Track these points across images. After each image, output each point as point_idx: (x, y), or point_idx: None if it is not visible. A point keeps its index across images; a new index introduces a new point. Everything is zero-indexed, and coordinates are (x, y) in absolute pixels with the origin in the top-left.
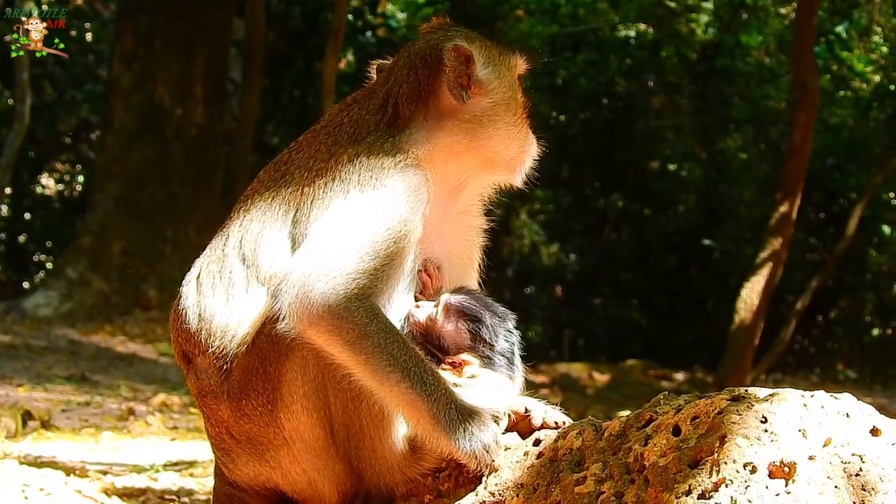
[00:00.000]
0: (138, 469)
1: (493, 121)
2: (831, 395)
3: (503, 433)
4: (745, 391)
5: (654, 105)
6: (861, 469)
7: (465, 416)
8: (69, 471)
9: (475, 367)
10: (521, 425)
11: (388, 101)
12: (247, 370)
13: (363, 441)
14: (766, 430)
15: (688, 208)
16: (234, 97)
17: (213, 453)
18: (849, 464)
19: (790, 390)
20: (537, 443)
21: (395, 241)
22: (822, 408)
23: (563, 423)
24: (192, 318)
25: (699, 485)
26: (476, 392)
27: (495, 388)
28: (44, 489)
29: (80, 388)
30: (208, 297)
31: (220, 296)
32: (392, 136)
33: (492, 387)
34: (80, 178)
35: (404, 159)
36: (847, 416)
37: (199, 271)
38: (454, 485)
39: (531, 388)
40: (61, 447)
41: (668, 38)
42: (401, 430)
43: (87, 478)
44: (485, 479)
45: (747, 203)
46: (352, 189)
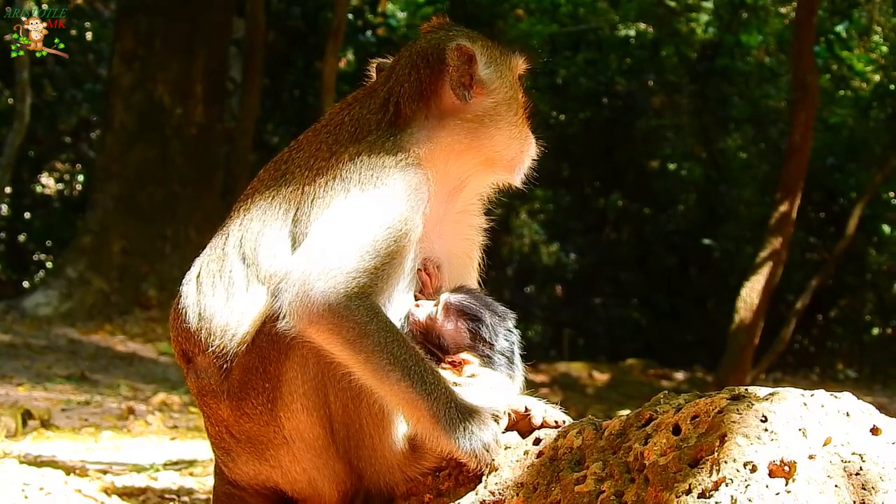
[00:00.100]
0: (138, 468)
1: (494, 120)
2: (831, 394)
3: (503, 432)
4: (745, 390)
5: (654, 104)
6: (861, 468)
7: (466, 415)
8: (69, 470)
9: (475, 367)
10: (521, 424)
11: (390, 100)
12: (247, 369)
13: (363, 440)
14: (766, 430)
15: (688, 208)
16: (234, 96)
17: (213, 452)
18: (849, 463)
19: (790, 389)
20: (537, 442)
21: (395, 240)
22: (822, 407)
23: (563, 422)
24: (192, 317)
25: (699, 484)
26: (476, 391)
27: (495, 387)
28: (44, 488)
29: (80, 388)
30: (208, 296)
31: (221, 295)
32: (393, 135)
33: (492, 386)
34: (80, 178)
35: (405, 158)
36: (847, 415)
37: (200, 270)
38: (454, 484)
39: (531, 388)
40: (61, 446)
41: (668, 38)
42: (401, 429)
43: (87, 477)
44: (485, 478)
45: (747, 202)
46: (352, 188)
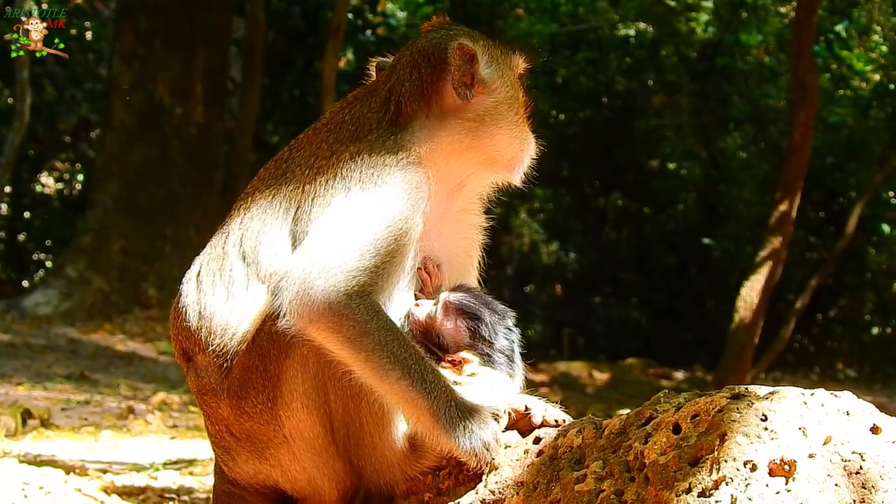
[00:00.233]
0: (138, 467)
1: (495, 120)
2: (831, 393)
3: (503, 431)
4: (745, 389)
5: (653, 104)
6: (861, 467)
7: (466, 414)
8: (69, 469)
9: (475, 365)
10: (521, 423)
11: (391, 99)
12: (247, 368)
13: (363, 439)
14: (766, 429)
15: (687, 207)
16: (233, 96)
17: (213, 451)
18: (849, 462)
19: (790, 388)
20: (537, 441)
21: (395, 239)
22: (822, 406)
23: (564, 421)
24: (192, 316)
25: (699, 483)
26: (476, 390)
27: (495, 386)
28: (43, 488)
29: (80, 387)
30: (208, 295)
31: (221, 294)
32: (394, 134)
33: (492, 385)
34: (80, 177)
35: (406, 157)
36: (847, 414)
37: (200, 269)
38: (454, 483)
39: (531, 387)
40: (61, 446)
41: (668, 37)
42: (401, 427)
43: (87, 476)
44: (485, 477)
45: (747, 202)
46: (353, 186)
